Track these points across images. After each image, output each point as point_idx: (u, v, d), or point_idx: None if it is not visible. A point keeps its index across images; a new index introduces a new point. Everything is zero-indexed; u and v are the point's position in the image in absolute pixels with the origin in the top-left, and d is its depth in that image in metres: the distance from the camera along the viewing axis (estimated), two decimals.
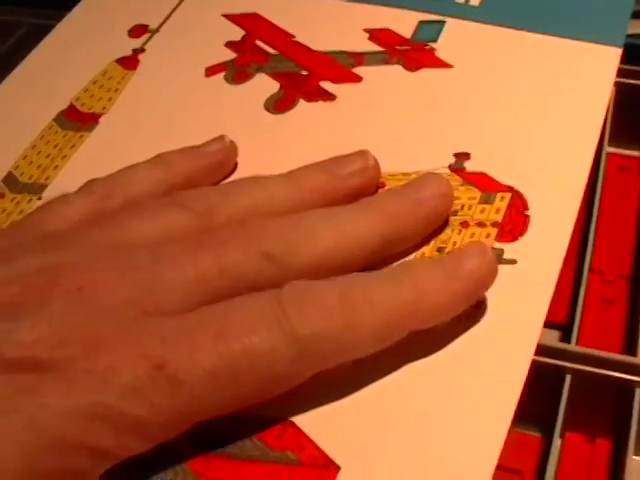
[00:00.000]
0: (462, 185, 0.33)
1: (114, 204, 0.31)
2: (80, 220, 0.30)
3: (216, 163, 0.34)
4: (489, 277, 0.28)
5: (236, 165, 0.35)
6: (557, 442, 0.31)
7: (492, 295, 0.29)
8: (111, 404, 0.23)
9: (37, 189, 0.36)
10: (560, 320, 0.35)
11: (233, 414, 0.25)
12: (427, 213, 0.30)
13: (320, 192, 0.31)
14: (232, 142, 0.35)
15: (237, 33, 0.43)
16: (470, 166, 0.34)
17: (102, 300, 0.25)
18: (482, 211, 0.32)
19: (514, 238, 0.31)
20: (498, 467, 0.25)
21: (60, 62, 0.43)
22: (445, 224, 0.31)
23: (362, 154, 0.32)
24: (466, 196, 0.32)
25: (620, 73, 0.39)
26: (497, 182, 0.33)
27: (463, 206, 0.32)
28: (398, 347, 0.27)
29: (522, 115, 0.36)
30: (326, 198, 0.31)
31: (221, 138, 0.35)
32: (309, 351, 0.25)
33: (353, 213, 0.29)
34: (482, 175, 0.33)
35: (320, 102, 0.38)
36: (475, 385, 0.27)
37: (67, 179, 0.36)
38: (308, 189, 0.31)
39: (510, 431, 0.26)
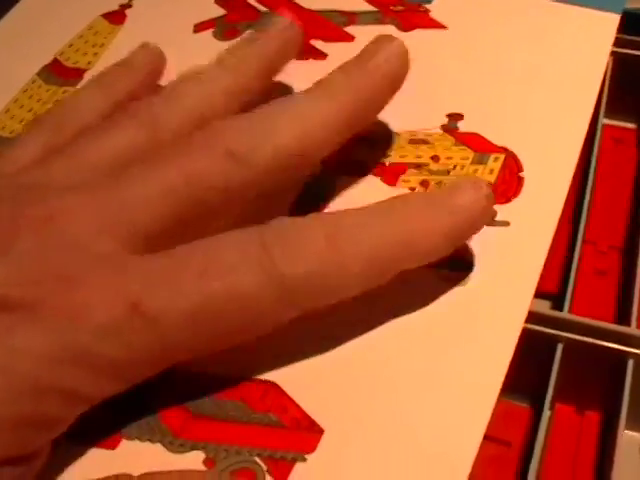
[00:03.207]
0: (455, 145, 0.32)
1: (67, 134, 0.30)
2: (36, 157, 0.29)
3: (150, 73, 0.33)
4: (484, 213, 0.27)
5: None
6: (547, 413, 0.31)
7: (483, 257, 0.28)
8: (85, 344, 0.23)
9: None
10: (552, 291, 0.35)
11: (212, 352, 0.25)
12: (385, 76, 0.29)
13: (257, 71, 0.31)
14: (157, 47, 0.34)
15: None
16: (463, 127, 0.33)
17: (73, 231, 0.25)
18: (475, 171, 0.31)
19: (507, 200, 0.30)
20: (486, 437, 0.25)
21: (45, 16, 0.43)
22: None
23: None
24: (459, 156, 0.32)
25: (618, 43, 0.39)
26: (491, 143, 0.32)
27: (455, 166, 0.31)
28: (386, 312, 0.27)
29: (517, 78, 0.35)
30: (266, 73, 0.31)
31: (145, 46, 0.34)
32: (293, 291, 0.25)
33: (311, 96, 0.29)
34: (476, 135, 0.33)
35: (311, 60, 0.37)
36: (463, 352, 0.26)
37: None
38: (243, 73, 0.31)
39: (498, 401, 0.25)
